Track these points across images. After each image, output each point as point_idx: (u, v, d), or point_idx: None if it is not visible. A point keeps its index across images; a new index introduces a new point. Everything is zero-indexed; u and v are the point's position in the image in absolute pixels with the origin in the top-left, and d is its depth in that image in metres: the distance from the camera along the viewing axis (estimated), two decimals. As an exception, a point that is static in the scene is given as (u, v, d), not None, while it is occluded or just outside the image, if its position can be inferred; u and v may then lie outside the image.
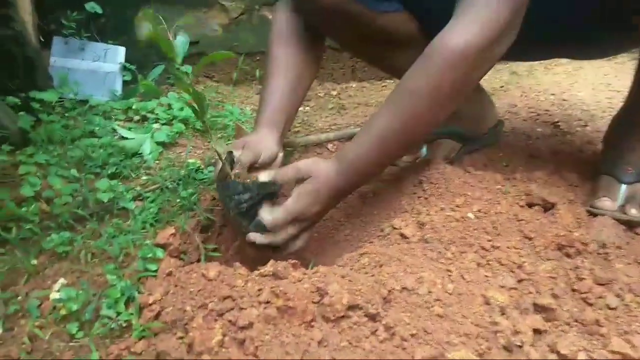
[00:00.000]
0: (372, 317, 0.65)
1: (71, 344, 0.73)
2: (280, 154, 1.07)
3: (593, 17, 0.94)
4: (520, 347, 0.64)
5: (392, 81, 2.16)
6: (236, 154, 0.93)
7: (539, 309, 0.72)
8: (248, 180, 0.88)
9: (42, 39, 1.69)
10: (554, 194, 1.00)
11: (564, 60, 2.18)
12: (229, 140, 1.46)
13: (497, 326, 0.66)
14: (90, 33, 1.82)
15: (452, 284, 0.72)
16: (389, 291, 0.68)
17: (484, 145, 1.32)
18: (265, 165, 0.99)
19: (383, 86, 2.14)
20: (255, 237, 0.87)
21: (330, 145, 1.46)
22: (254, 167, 0.97)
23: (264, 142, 1.01)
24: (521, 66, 2.17)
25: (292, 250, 0.91)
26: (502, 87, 1.95)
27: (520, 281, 0.77)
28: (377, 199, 1.10)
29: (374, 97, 1.96)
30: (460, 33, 0.82)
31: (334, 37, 1.24)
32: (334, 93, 2.04)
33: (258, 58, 2.11)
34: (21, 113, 1.33)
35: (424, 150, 1.28)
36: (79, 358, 0.70)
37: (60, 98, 1.52)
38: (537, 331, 0.67)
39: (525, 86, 1.94)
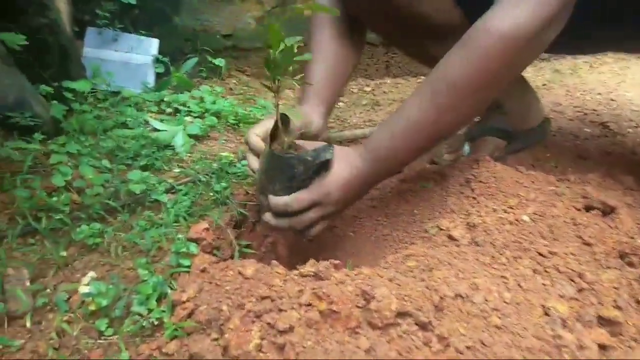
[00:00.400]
0: (424, 326, 0.59)
1: (100, 341, 0.70)
2: (326, 130, 1.03)
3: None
4: (586, 364, 0.58)
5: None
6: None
7: (603, 321, 0.65)
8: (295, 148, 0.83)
9: (76, 29, 1.68)
10: (610, 197, 0.93)
11: (609, 59, 2.09)
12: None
13: (560, 340, 0.60)
14: (124, 24, 1.81)
15: (508, 292, 0.66)
16: (441, 298, 0.62)
17: (530, 144, 1.25)
18: (312, 138, 0.95)
19: (418, 82, 2.08)
20: (272, 219, 0.85)
21: (365, 142, 1.41)
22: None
23: (311, 115, 0.98)
24: (564, 64, 2.08)
25: (311, 236, 0.87)
26: (544, 85, 1.87)
27: (580, 291, 0.70)
28: (418, 197, 1.04)
29: (408, 94, 1.90)
30: (508, 17, 0.75)
31: (376, 27, 1.19)
32: (368, 89, 1.98)
33: (291, 52, 2.07)
34: (54, 102, 1.31)
35: (466, 148, 1.22)
36: (108, 357, 0.67)
37: (92, 89, 1.50)
38: (602, 346, 0.61)
39: (569, 85, 1.85)
